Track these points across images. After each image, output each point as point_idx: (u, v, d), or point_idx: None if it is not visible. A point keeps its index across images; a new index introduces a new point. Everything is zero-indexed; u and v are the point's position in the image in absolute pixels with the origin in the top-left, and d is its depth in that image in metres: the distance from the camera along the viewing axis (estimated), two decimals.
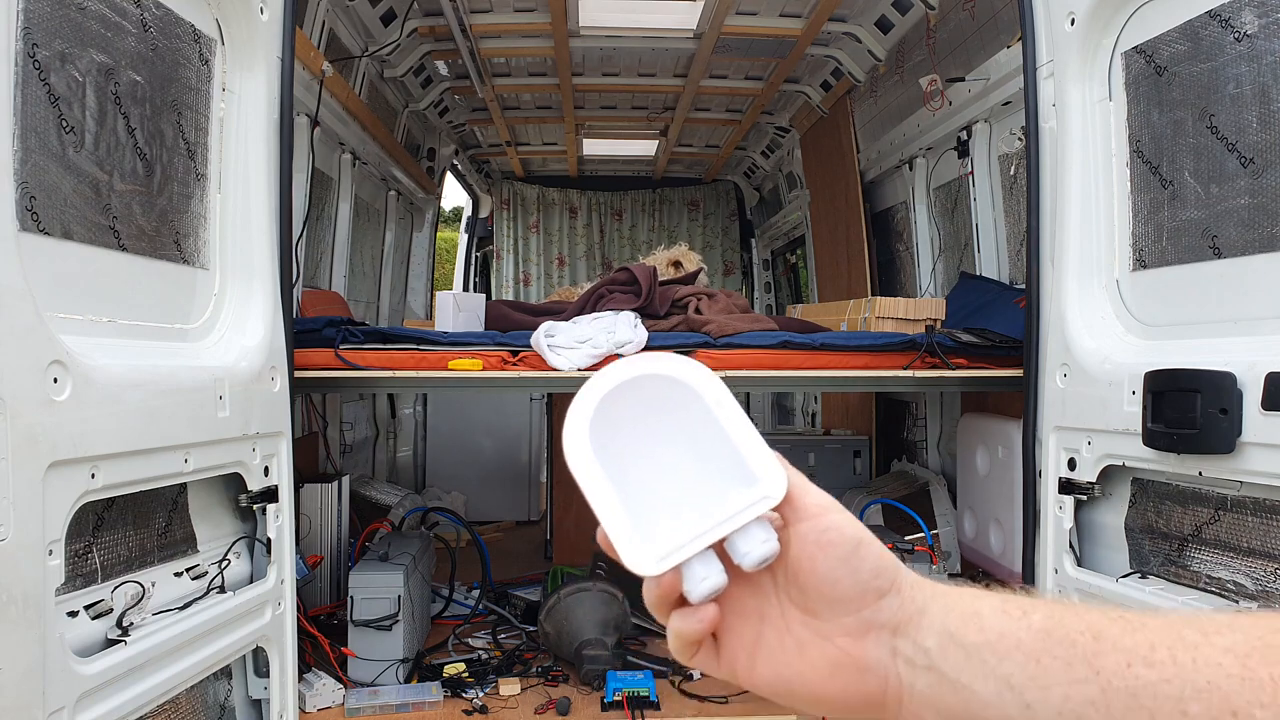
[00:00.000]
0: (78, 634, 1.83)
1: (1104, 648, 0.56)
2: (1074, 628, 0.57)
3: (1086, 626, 0.57)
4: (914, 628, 0.63)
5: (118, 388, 1.88)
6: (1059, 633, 0.58)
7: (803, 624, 0.66)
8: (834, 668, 0.65)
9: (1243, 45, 2.11)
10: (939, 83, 4.24)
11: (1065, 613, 0.59)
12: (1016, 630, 0.59)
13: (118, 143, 2.07)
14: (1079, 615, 0.58)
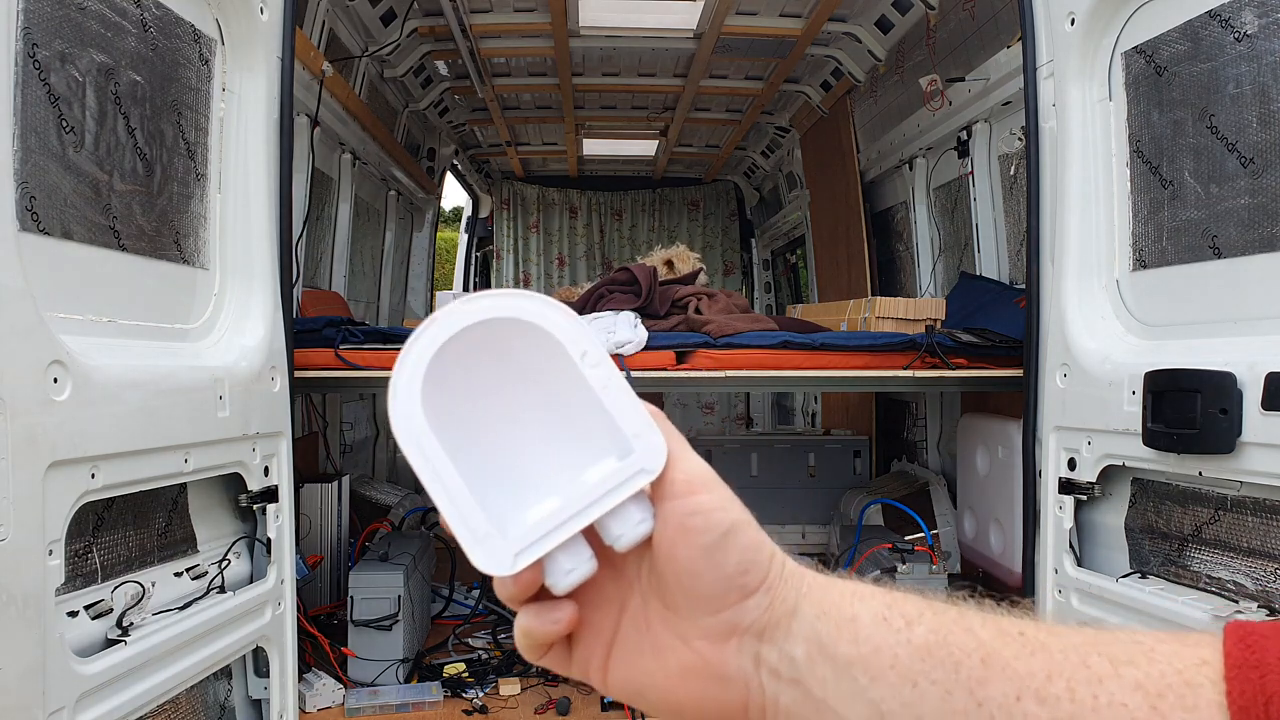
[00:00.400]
0: (78, 634, 1.83)
1: (992, 674, 0.49)
2: (961, 646, 0.50)
3: (977, 646, 0.50)
4: (782, 632, 0.55)
5: (118, 388, 1.88)
6: (942, 652, 0.50)
7: (662, 621, 0.57)
8: (690, 675, 0.56)
9: (1243, 45, 2.11)
10: (939, 83, 4.24)
11: (956, 626, 0.51)
12: (894, 645, 0.51)
13: (118, 143, 2.07)
14: (972, 630, 0.51)
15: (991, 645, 0.50)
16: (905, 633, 0.52)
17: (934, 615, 0.52)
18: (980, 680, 0.49)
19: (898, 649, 0.51)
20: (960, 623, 0.52)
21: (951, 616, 0.52)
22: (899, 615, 0.53)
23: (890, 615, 0.53)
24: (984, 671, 0.49)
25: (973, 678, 0.49)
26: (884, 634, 0.52)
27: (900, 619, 0.52)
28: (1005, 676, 0.48)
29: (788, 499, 4.63)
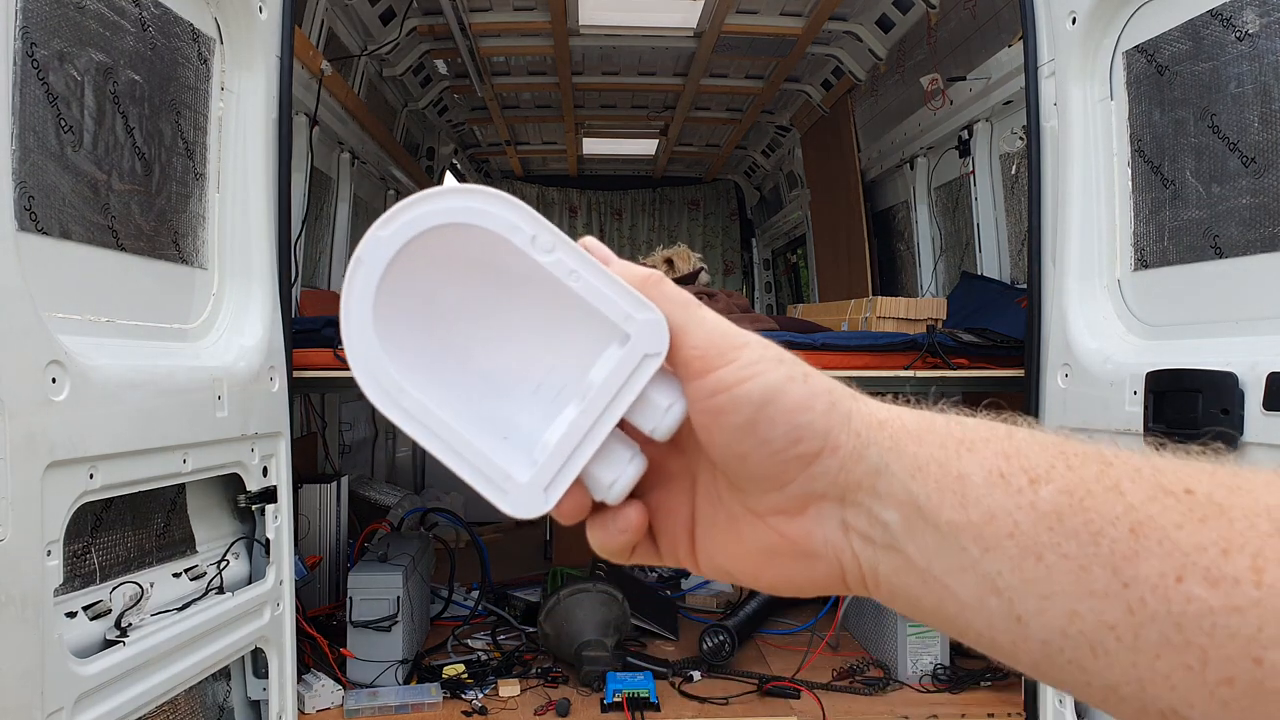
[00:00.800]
0: (76, 635, 1.83)
1: (1144, 547, 0.38)
2: (1103, 511, 0.40)
3: (1124, 510, 0.39)
4: (867, 494, 0.46)
5: (116, 388, 1.88)
6: (1077, 519, 0.40)
7: (733, 498, 0.51)
8: (773, 554, 0.49)
9: (1244, 44, 2.11)
10: (940, 82, 4.23)
11: (1098, 484, 0.40)
12: (1013, 509, 0.42)
13: (116, 142, 2.06)
14: (1119, 489, 0.40)
15: (1145, 510, 0.39)
16: (1028, 493, 0.42)
17: (1068, 470, 0.42)
18: (1128, 555, 0.38)
19: (1018, 514, 0.42)
20: (1103, 479, 0.41)
21: (1092, 472, 0.41)
22: (1020, 470, 0.42)
23: (1009, 470, 0.43)
24: (1133, 544, 0.38)
25: (1117, 552, 0.39)
26: (1000, 495, 0.42)
27: (1023, 475, 0.42)
28: (1162, 551, 0.38)
29: None
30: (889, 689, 3.10)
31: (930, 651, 3.15)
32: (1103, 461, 0.41)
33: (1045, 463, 0.42)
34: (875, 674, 3.18)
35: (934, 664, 3.14)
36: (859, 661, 3.26)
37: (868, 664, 3.25)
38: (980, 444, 0.44)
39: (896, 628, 3.15)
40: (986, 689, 3.05)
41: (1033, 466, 0.42)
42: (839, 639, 3.44)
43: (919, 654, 3.15)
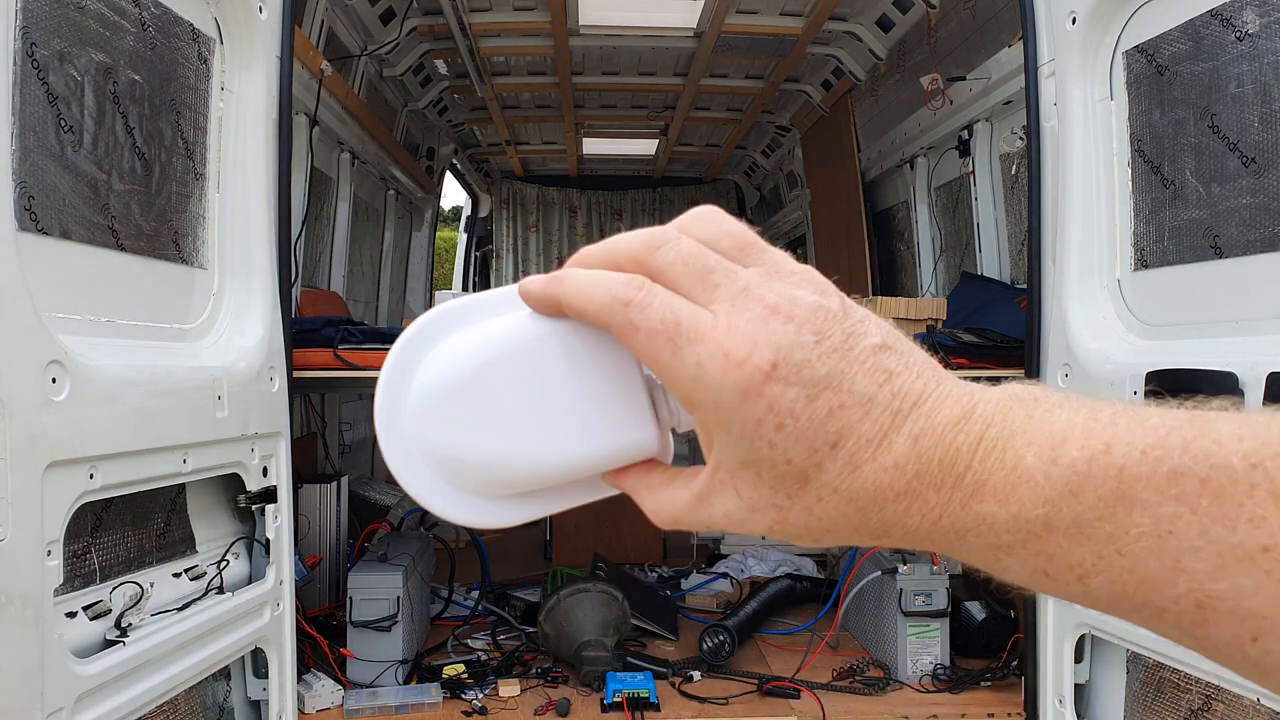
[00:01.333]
0: (76, 634, 1.83)
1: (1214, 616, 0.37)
2: (1165, 591, 0.38)
3: (1188, 589, 0.38)
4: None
5: (116, 388, 1.88)
6: (1136, 599, 0.39)
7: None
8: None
9: (1244, 44, 2.11)
10: (940, 82, 4.23)
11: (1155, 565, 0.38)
12: (1067, 595, 0.42)
13: (116, 142, 2.06)
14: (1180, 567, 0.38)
15: (1212, 587, 0.37)
16: (1077, 586, 0.41)
17: (1119, 558, 0.39)
18: (1196, 622, 0.38)
19: (1071, 597, 0.42)
20: (1163, 557, 0.38)
21: (1150, 561, 0.38)
22: (1066, 569, 0.41)
23: (1054, 570, 0.41)
24: (1200, 615, 0.38)
25: (1183, 623, 0.38)
26: (1049, 587, 0.42)
27: (1069, 573, 0.41)
28: (1234, 619, 0.37)
29: None
30: (889, 689, 3.10)
31: (930, 651, 3.15)
32: (1158, 536, 0.38)
33: (1092, 556, 0.40)
34: (875, 674, 3.18)
35: (934, 664, 3.14)
36: (859, 661, 3.26)
37: (868, 664, 3.25)
38: (1018, 547, 0.42)
39: (896, 628, 3.15)
40: (986, 689, 3.05)
41: (1079, 563, 0.40)
42: (839, 639, 3.44)
43: (919, 654, 3.15)
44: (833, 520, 0.46)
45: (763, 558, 4.36)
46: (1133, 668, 2.47)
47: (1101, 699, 2.58)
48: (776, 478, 0.46)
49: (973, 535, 0.44)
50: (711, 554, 4.59)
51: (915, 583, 3.14)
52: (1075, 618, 2.54)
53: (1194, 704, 2.23)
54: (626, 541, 4.71)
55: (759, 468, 0.47)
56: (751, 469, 0.47)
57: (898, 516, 0.45)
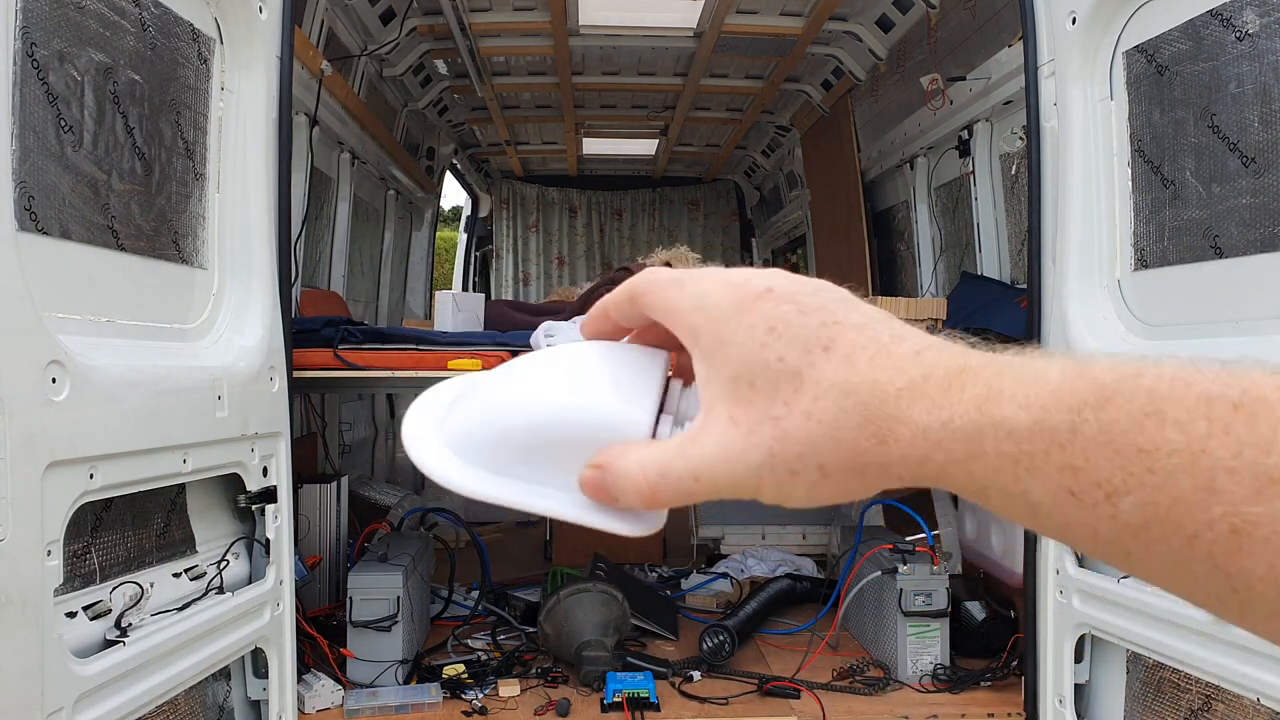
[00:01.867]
0: (76, 635, 1.83)
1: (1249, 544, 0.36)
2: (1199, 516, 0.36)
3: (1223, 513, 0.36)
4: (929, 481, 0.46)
5: (116, 388, 1.88)
6: (1167, 526, 0.37)
7: None
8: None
9: (1244, 44, 2.11)
10: (940, 82, 4.23)
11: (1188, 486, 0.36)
12: (1092, 520, 0.39)
13: (116, 142, 2.06)
14: (1214, 488, 0.36)
15: (1248, 510, 0.35)
16: (1105, 507, 0.38)
17: (1150, 476, 0.37)
18: (1230, 551, 0.36)
19: (1098, 525, 0.39)
20: (1196, 477, 0.36)
21: (1182, 479, 0.37)
22: (1093, 485, 0.38)
23: (1080, 487, 0.39)
24: (1235, 542, 0.35)
25: (1217, 551, 0.36)
26: (1074, 510, 0.39)
27: (1097, 490, 0.38)
28: (1270, 547, 0.35)
29: None
30: (889, 689, 3.10)
31: (930, 651, 3.15)
32: (1190, 455, 0.36)
33: (1121, 472, 0.38)
34: (875, 674, 3.18)
35: (934, 664, 3.14)
36: (859, 661, 3.26)
37: (868, 664, 3.25)
38: (1040, 458, 0.40)
39: (897, 628, 3.15)
40: (986, 689, 3.05)
41: (1107, 479, 0.38)
42: (839, 639, 3.44)
43: (919, 654, 3.15)
44: (833, 420, 0.45)
45: (763, 558, 4.36)
46: (1133, 668, 2.47)
47: (1101, 699, 2.58)
48: (770, 382, 0.46)
49: (990, 442, 0.41)
50: (711, 554, 4.59)
51: (915, 583, 3.14)
52: (1075, 618, 2.55)
53: (1194, 704, 2.23)
54: (626, 541, 4.70)
55: (752, 376, 0.47)
56: (744, 380, 0.47)
57: (902, 412, 0.43)
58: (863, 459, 0.45)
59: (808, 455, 0.45)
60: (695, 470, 0.48)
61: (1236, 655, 2.03)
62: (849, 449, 0.45)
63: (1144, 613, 2.30)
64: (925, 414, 0.43)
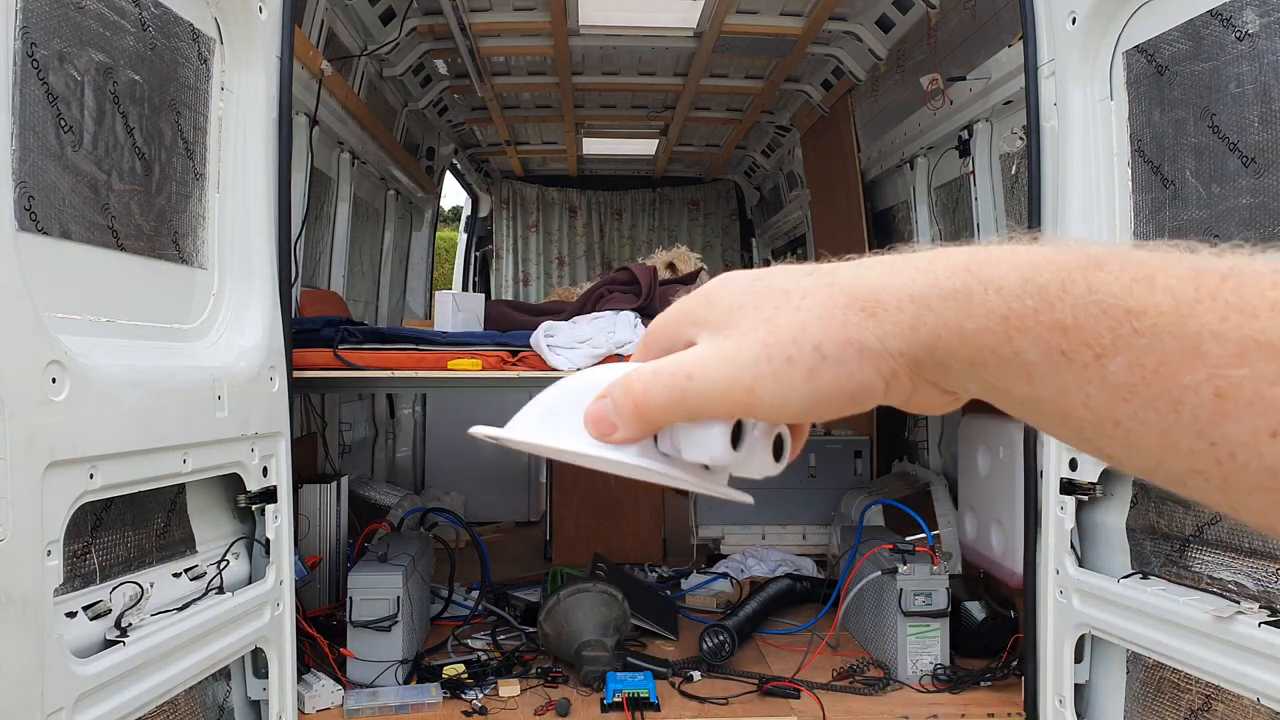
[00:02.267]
0: (76, 634, 1.83)
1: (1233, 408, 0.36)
2: (1184, 379, 0.37)
3: (1208, 376, 0.36)
4: (940, 377, 0.46)
5: (116, 388, 1.88)
6: (1154, 389, 0.38)
7: None
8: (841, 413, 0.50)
9: (1244, 44, 2.11)
10: (940, 82, 4.23)
11: (1174, 350, 0.37)
12: (1083, 384, 0.40)
13: (116, 142, 2.06)
14: (1200, 352, 0.36)
15: (1233, 373, 0.36)
16: (1095, 369, 0.39)
17: (1136, 338, 0.38)
18: (1213, 418, 0.36)
19: (1089, 388, 0.39)
20: (1182, 341, 0.37)
21: (1167, 340, 0.37)
22: (1083, 345, 0.39)
23: (1070, 347, 0.39)
24: (1219, 406, 0.36)
25: (1201, 417, 0.36)
26: (1066, 373, 0.40)
27: (1086, 350, 0.39)
28: (1253, 411, 0.35)
29: (788, 499, 4.63)
30: (889, 689, 3.10)
31: (930, 651, 3.15)
32: (1178, 319, 0.37)
33: (1110, 333, 0.39)
34: (875, 674, 3.18)
35: (934, 664, 3.14)
36: (859, 661, 3.26)
37: (867, 664, 3.25)
38: (1030, 318, 0.40)
39: (897, 628, 3.15)
40: (986, 689, 3.05)
41: (1096, 339, 0.39)
42: (839, 639, 3.44)
43: (919, 654, 3.15)
44: (820, 304, 0.45)
45: (763, 558, 4.36)
46: (1133, 668, 2.47)
47: (1101, 699, 2.58)
48: (759, 298, 0.48)
49: (979, 301, 0.42)
50: (711, 554, 4.59)
51: (915, 583, 3.14)
52: (1075, 618, 2.55)
53: (1194, 704, 2.23)
54: (626, 541, 4.71)
55: (741, 303, 0.48)
56: (735, 308, 0.48)
57: (888, 283, 0.45)
58: (854, 331, 0.45)
59: (801, 338, 0.45)
60: (688, 367, 0.48)
61: (1236, 655, 2.03)
62: (839, 324, 0.45)
63: (1144, 613, 2.30)
64: (911, 280, 0.44)
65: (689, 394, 0.48)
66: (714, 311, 0.49)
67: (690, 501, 4.67)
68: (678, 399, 0.48)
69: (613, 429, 0.50)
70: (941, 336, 0.43)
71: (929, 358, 0.44)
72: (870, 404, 0.46)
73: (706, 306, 0.50)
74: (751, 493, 0.55)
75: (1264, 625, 1.98)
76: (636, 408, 0.49)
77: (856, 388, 0.45)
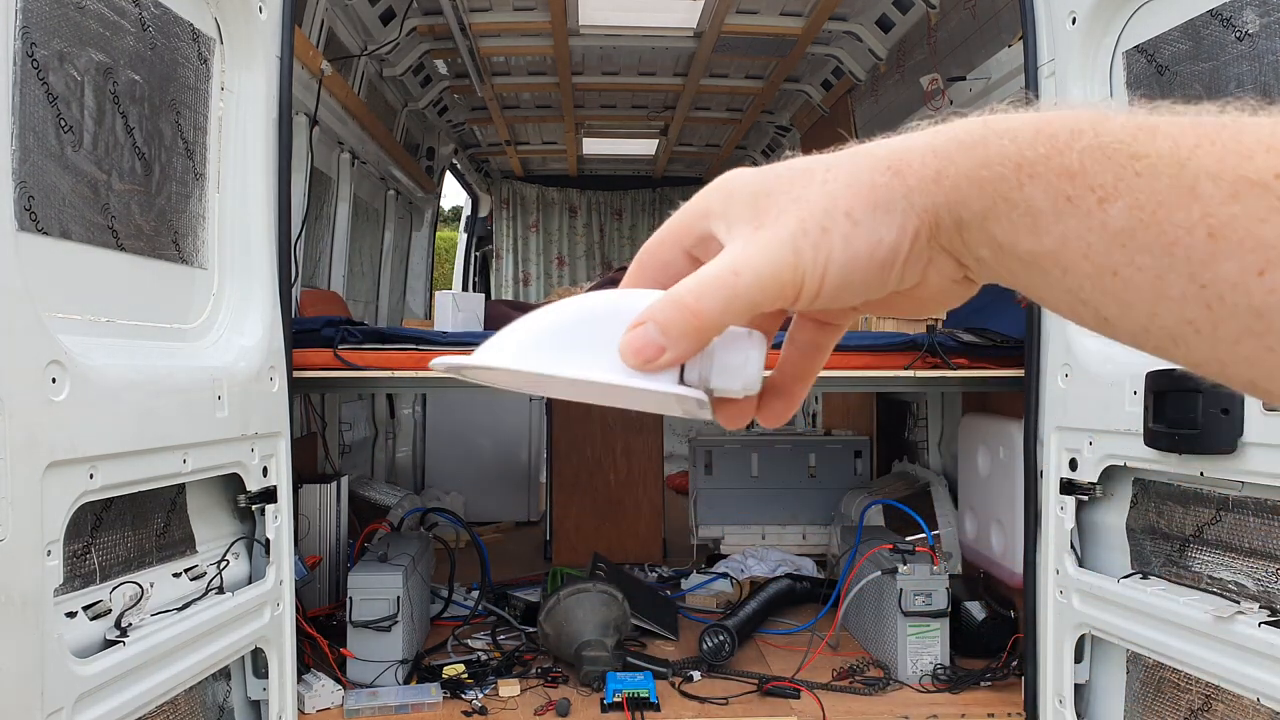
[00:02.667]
0: (76, 635, 1.83)
1: (1224, 248, 0.38)
2: (1179, 220, 0.39)
3: (1202, 216, 0.38)
4: (960, 243, 0.47)
5: (116, 388, 1.88)
6: (1149, 233, 0.39)
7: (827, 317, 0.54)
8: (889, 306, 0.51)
9: (1244, 44, 2.11)
10: (940, 82, 4.23)
11: (1173, 192, 0.39)
12: (1084, 231, 0.41)
13: (116, 142, 2.06)
14: (1196, 192, 0.38)
15: (1225, 212, 0.37)
16: (1098, 214, 0.41)
17: (1137, 180, 0.40)
18: (1205, 259, 0.38)
19: (1089, 236, 0.41)
20: (1178, 183, 0.39)
21: (1165, 179, 0.39)
22: (1087, 190, 0.41)
23: (1075, 192, 0.41)
24: (1211, 247, 0.38)
25: (1194, 258, 0.38)
26: (1070, 220, 0.42)
27: (1090, 195, 0.41)
28: (1243, 249, 0.37)
29: (788, 499, 4.63)
30: (889, 689, 3.10)
31: (930, 651, 3.15)
32: (1177, 161, 0.39)
33: (1112, 177, 0.41)
34: (875, 674, 3.18)
35: (934, 664, 3.14)
36: (859, 661, 3.26)
37: (867, 664, 3.25)
38: (1041, 164, 0.42)
39: (896, 628, 3.15)
40: (986, 689, 3.05)
41: (1100, 184, 0.41)
42: (839, 639, 3.44)
43: (919, 654, 3.15)
44: (848, 173, 0.47)
45: (763, 558, 4.36)
46: (1132, 668, 2.47)
47: (1101, 699, 2.58)
48: (784, 181, 0.49)
49: (994, 147, 0.44)
50: (711, 554, 4.59)
51: (915, 583, 3.14)
52: (1075, 618, 2.55)
53: (1194, 704, 2.23)
54: (626, 542, 4.71)
55: (766, 189, 0.49)
56: (761, 194, 0.49)
57: (907, 142, 0.47)
58: (882, 193, 0.46)
59: (832, 208, 0.47)
60: (732, 264, 0.47)
61: (1236, 655, 2.03)
62: (867, 186, 0.46)
63: (1144, 612, 2.30)
64: (933, 137, 0.46)
65: (739, 290, 0.47)
66: (735, 203, 0.49)
67: (690, 502, 4.68)
68: (730, 298, 0.47)
69: (659, 352, 0.48)
70: (960, 187, 0.45)
71: (948, 215, 0.46)
72: (894, 272, 0.47)
73: (724, 199, 0.50)
74: (751, 492, 0.53)
75: (1264, 625, 1.98)
76: (692, 318, 0.47)
77: (886, 253, 0.46)
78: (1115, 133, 0.41)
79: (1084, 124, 0.42)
